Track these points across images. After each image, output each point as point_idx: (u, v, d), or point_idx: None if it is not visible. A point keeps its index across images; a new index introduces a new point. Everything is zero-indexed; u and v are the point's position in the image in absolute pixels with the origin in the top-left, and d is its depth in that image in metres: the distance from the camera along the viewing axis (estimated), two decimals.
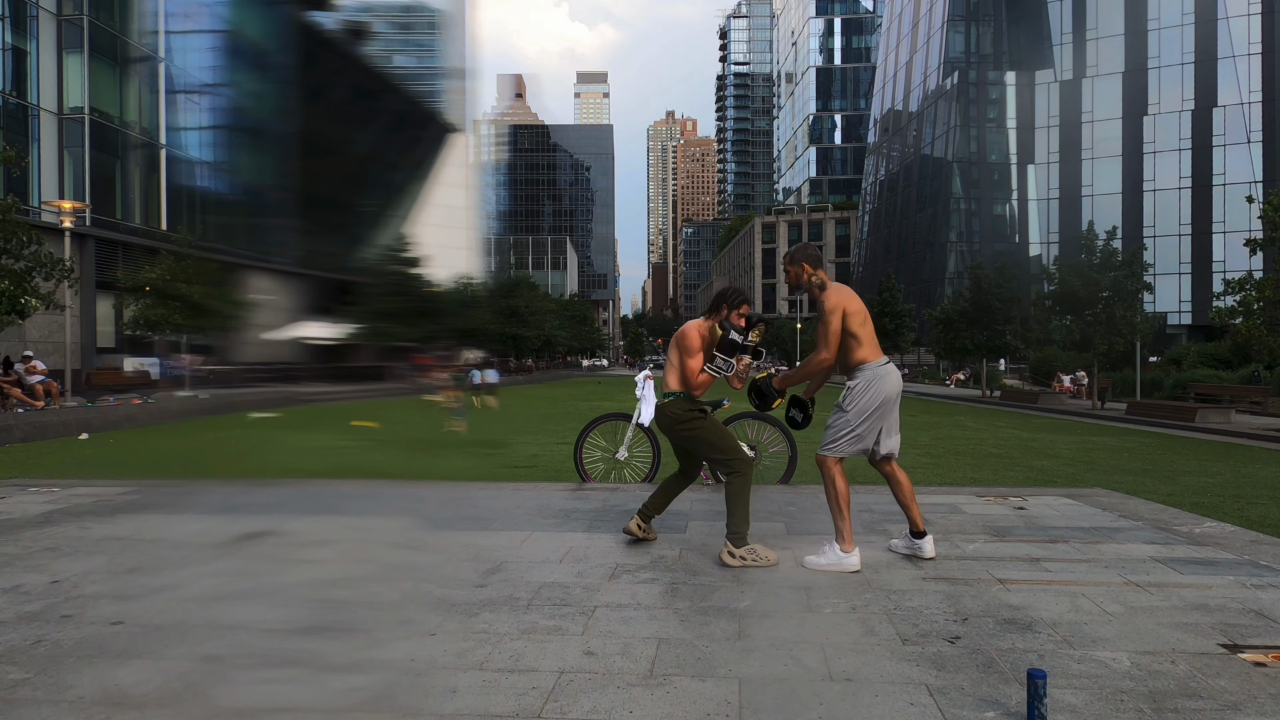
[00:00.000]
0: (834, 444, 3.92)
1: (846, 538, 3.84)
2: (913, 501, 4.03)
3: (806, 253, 4.08)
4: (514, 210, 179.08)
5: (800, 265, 4.07)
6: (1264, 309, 14.57)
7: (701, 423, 4.10)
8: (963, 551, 4.19)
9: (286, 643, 2.86)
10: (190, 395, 21.11)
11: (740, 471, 3.98)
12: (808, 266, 4.06)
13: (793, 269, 4.11)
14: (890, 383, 3.89)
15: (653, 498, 4.40)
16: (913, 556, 4.07)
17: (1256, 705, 2.32)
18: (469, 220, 75.14)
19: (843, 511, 3.84)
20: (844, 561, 3.81)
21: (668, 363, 4.23)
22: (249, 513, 5.29)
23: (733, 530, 3.94)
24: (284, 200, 39.14)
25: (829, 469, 3.91)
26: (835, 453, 3.91)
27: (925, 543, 4.03)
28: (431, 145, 61.82)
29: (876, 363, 3.91)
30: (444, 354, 32.50)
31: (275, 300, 35.29)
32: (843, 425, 3.90)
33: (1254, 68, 51.70)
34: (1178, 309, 53.49)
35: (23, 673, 2.59)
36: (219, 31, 35.56)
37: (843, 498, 3.85)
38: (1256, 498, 7.36)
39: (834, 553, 3.85)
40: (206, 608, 3.26)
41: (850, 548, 3.84)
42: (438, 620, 3.10)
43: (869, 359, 3.91)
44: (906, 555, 4.09)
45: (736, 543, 3.93)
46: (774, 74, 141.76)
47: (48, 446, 11.86)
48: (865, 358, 3.91)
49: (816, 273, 4.06)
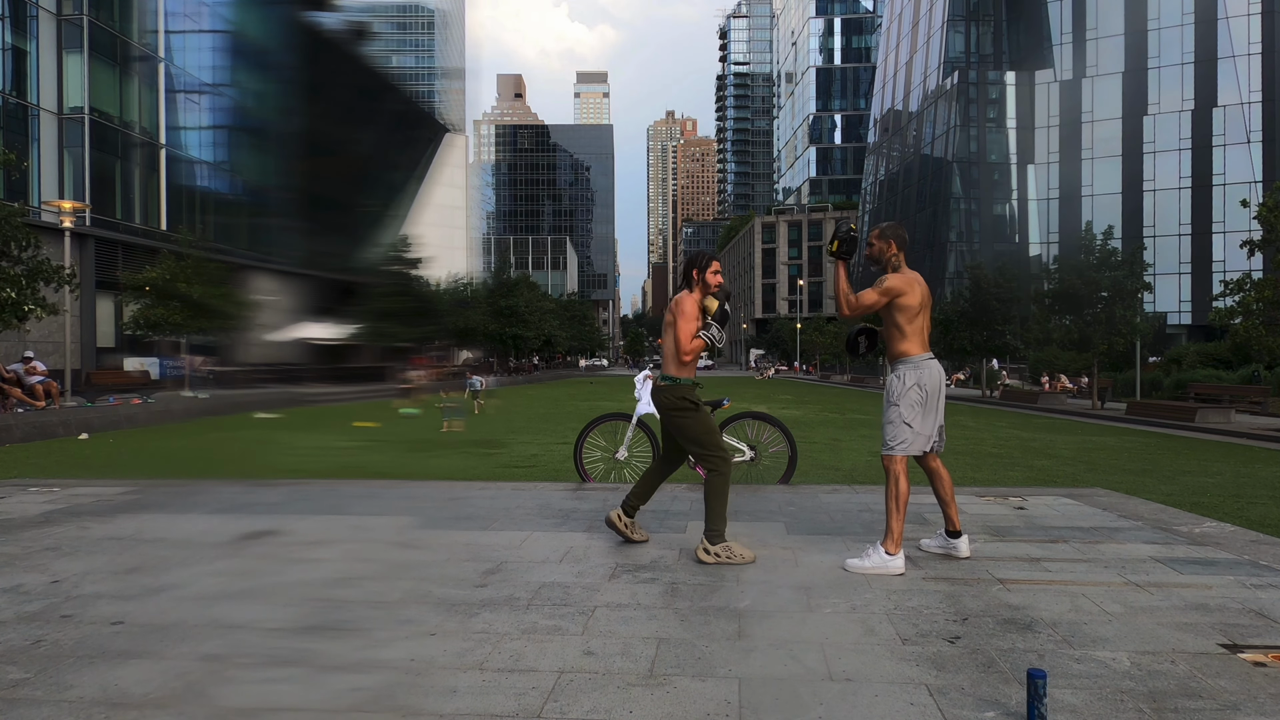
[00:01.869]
0: (896, 445, 3.88)
1: (896, 540, 3.78)
2: (952, 500, 4.01)
3: (897, 232, 4.02)
4: (514, 210, 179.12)
5: (889, 241, 4.00)
6: (1263, 309, 14.57)
7: (692, 415, 4.07)
8: None
9: (286, 642, 2.86)
10: (191, 395, 21.11)
11: (719, 470, 4.00)
12: (894, 245, 4.00)
13: (879, 243, 4.02)
14: (931, 375, 3.87)
15: (636, 488, 4.36)
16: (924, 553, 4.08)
17: (1256, 705, 2.32)
18: (468, 220, 75.10)
19: (900, 513, 3.80)
20: (889, 564, 3.76)
21: (667, 345, 4.18)
22: (249, 512, 5.29)
23: (709, 528, 3.97)
24: (282, 200, 39.14)
25: (895, 469, 3.87)
26: (899, 452, 3.87)
27: (961, 542, 4.00)
28: (431, 145, 61.83)
29: (919, 356, 3.90)
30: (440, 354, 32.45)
31: (273, 300, 35.29)
32: (899, 423, 3.87)
33: (1254, 68, 51.69)
34: (1178, 309, 53.49)
35: (23, 673, 2.59)
36: (219, 31, 35.56)
37: (903, 499, 3.82)
38: (1256, 498, 7.36)
39: (879, 555, 3.80)
40: (207, 607, 3.26)
41: (897, 550, 3.79)
42: (438, 620, 3.10)
43: (911, 352, 3.90)
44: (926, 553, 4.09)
45: (713, 540, 3.96)
46: (774, 74, 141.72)
47: (48, 446, 11.86)
48: (908, 351, 3.91)
49: (899, 254, 4.01)
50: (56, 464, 9.73)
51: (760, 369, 76.18)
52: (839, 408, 22.96)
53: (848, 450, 11.42)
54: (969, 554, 4.01)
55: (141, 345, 27.32)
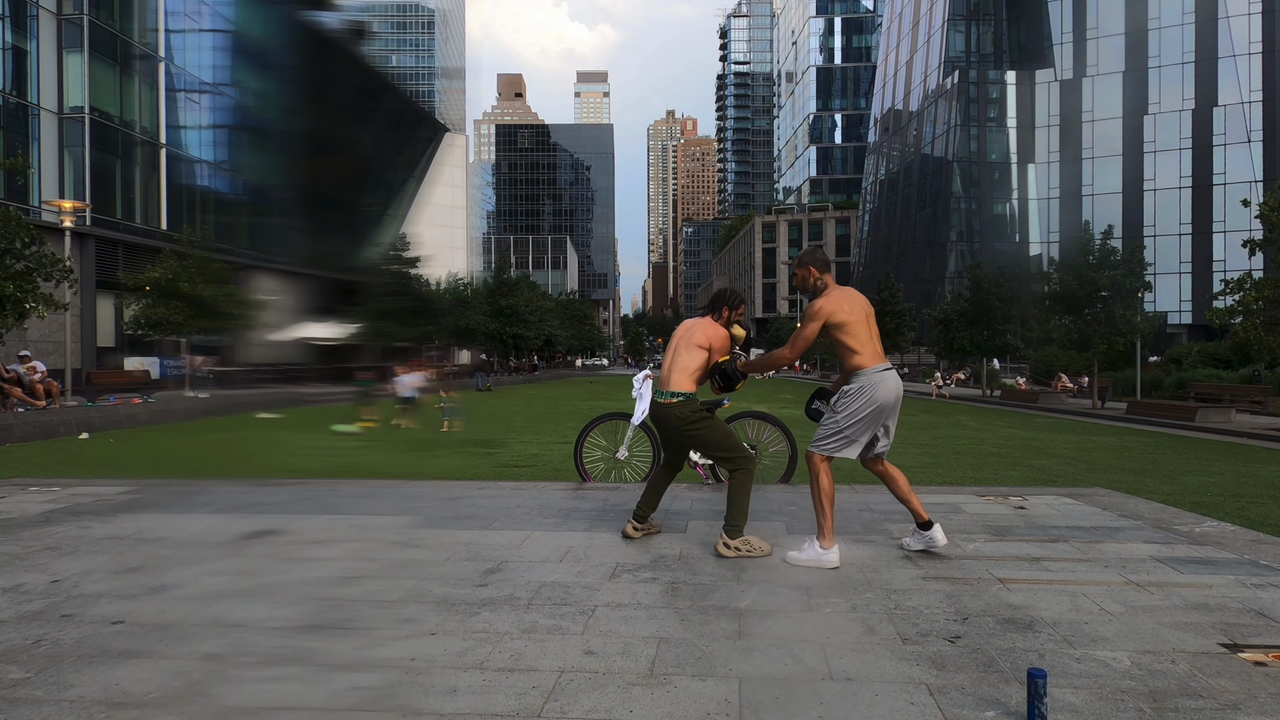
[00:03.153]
0: (823, 443, 3.97)
1: (827, 534, 3.88)
2: (911, 494, 4.05)
3: (814, 256, 4.12)
4: (514, 210, 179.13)
5: (808, 269, 4.10)
6: (1263, 309, 14.55)
7: (710, 423, 4.19)
8: (963, 551, 4.18)
9: (286, 641, 2.86)
10: (191, 395, 21.11)
11: (745, 469, 4.12)
12: (814, 270, 4.08)
13: (800, 271, 4.14)
14: (886, 389, 3.89)
15: (644, 498, 4.44)
16: (924, 553, 4.07)
17: (1256, 705, 2.32)
18: (467, 220, 75.09)
19: (825, 508, 3.88)
20: (823, 558, 3.85)
21: (674, 363, 4.23)
22: (250, 512, 5.29)
23: (730, 523, 4.06)
24: (281, 199, 39.14)
25: (815, 465, 3.97)
26: (823, 451, 3.96)
27: (935, 533, 4.02)
28: (430, 145, 61.85)
29: (873, 369, 3.91)
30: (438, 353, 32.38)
31: (272, 300, 35.30)
32: (833, 426, 3.95)
33: (1254, 67, 51.69)
34: (1178, 309, 53.50)
35: (23, 672, 2.59)
36: (219, 31, 35.56)
37: (826, 495, 3.90)
38: (1256, 497, 7.36)
39: (814, 549, 3.89)
40: (207, 607, 3.26)
41: (830, 544, 3.87)
42: (438, 619, 3.10)
43: (865, 365, 3.92)
44: (919, 552, 4.09)
45: (732, 534, 4.06)
46: (774, 73, 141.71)
47: (48, 446, 11.86)
48: (861, 364, 3.93)
49: (823, 277, 4.08)
50: (56, 464, 9.74)
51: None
52: None
53: None
54: (946, 540, 4.04)
55: (142, 345, 27.33)
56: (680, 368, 4.19)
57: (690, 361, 4.18)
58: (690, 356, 4.19)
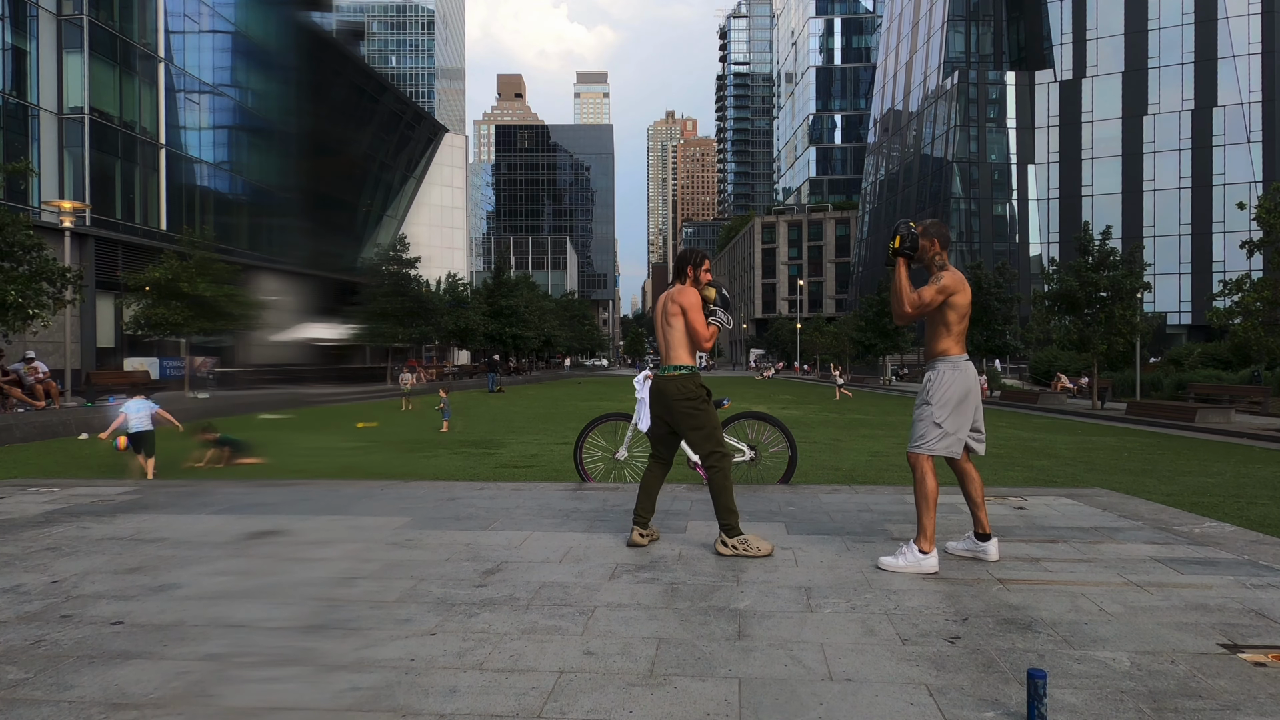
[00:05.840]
0: (924, 441, 3.83)
1: (929, 538, 3.75)
2: (983, 502, 3.95)
3: (939, 230, 3.96)
4: (513, 210, 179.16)
5: (932, 240, 3.95)
6: (1262, 309, 14.56)
7: (705, 404, 4.18)
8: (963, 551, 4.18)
9: (287, 642, 2.86)
10: (191, 396, 21.10)
11: (720, 467, 4.11)
12: (938, 243, 3.96)
13: (924, 241, 3.96)
14: (970, 375, 3.84)
15: (641, 501, 4.39)
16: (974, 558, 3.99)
17: (1256, 705, 2.32)
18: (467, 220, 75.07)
19: (930, 511, 3.76)
20: (923, 563, 3.74)
21: (666, 340, 4.21)
22: (250, 512, 5.29)
23: (724, 522, 4.07)
24: (280, 199, 39.12)
25: (920, 466, 3.83)
26: (925, 450, 3.82)
27: (990, 545, 3.94)
28: (429, 145, 61.85)
29: (957, 356, 3.87)
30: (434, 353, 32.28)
31: (271, 300, 35.30)
32: (929, 419, 3.82)
33: (1254, 68, 51.74)
34: (1178, 309, 53.54)
35: (23, 673, 2.59)
36: (219, 31, 35.57)
37: (931, 497, 3.78)
38: (1256, 497, 7.37)
39: (912, 553, 3.78)
40: (207, 607, 3.26)
41: (930, 548, 3.76)
42: (438, 620, 3.10)
43: (951, 351, 3.87)
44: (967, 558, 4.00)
45: (729, 533, 4.06)
46: (774, 74, 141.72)
47: (48, 446, 11.86)
48: (947, 349, 3.88)
49: (943, 253, 3.96)
50: (56, 464, 9.73)
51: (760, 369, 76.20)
52: (839, 408, 22.96)
53: (848, 450, 11.42)
54: (998, 557, 3.94)
55: (142, 345, 27.32)
56: (672, 343, 4.19)
57: (676, 334, 4.18)
58: (673, 330, 4.19)
